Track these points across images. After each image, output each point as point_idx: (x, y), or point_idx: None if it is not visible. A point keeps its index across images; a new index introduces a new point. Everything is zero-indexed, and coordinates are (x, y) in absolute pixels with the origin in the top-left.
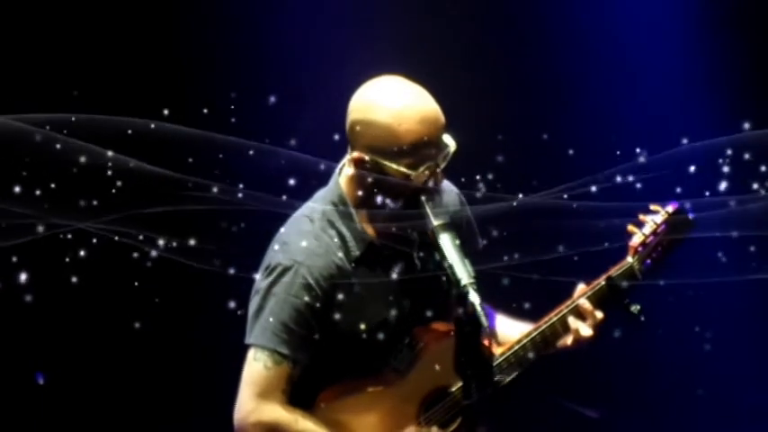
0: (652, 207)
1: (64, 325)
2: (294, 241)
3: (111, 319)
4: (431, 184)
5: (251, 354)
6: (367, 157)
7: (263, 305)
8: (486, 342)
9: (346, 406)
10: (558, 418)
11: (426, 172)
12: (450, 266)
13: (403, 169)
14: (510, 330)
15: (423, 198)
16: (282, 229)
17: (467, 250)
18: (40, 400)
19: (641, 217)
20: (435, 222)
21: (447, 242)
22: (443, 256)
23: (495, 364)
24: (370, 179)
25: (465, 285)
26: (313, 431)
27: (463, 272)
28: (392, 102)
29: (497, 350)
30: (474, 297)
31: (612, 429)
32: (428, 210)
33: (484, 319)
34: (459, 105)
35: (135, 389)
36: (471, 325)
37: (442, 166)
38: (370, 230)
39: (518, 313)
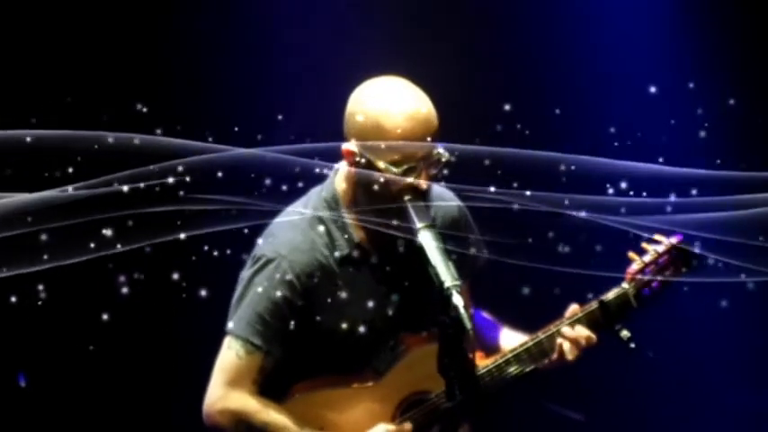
0: (656, 237)
1: (44, 324)
2: (281, 234)
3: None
4: (414, 184)
5: (226, 341)
6: (356, 150)
7: (244, 294)
8: (469, 347)
9: (320, 399)
10: (542, 421)
11: (409, 171)
12: (434, 269)
13: (386, 165)
14: (511, 343)
15: (406, 198)
16: (274, 221)
17: (468, 267)
18: (23, 401)
19: (644, 245)
20: (419, 224)
21: (430, 244)
22: (427, 259)
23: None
24: (356, 174)
25: (448, 288)
26: (278, 422)
27: (447, 274)
28: (384, 97)
29: (484, 362)
30: (457, 300)
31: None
32: (411, 210)
33: (467, 322)
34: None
35: (116, 389)
36: (454, 328)
37: (431, 171)
38: (359, 232)
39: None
